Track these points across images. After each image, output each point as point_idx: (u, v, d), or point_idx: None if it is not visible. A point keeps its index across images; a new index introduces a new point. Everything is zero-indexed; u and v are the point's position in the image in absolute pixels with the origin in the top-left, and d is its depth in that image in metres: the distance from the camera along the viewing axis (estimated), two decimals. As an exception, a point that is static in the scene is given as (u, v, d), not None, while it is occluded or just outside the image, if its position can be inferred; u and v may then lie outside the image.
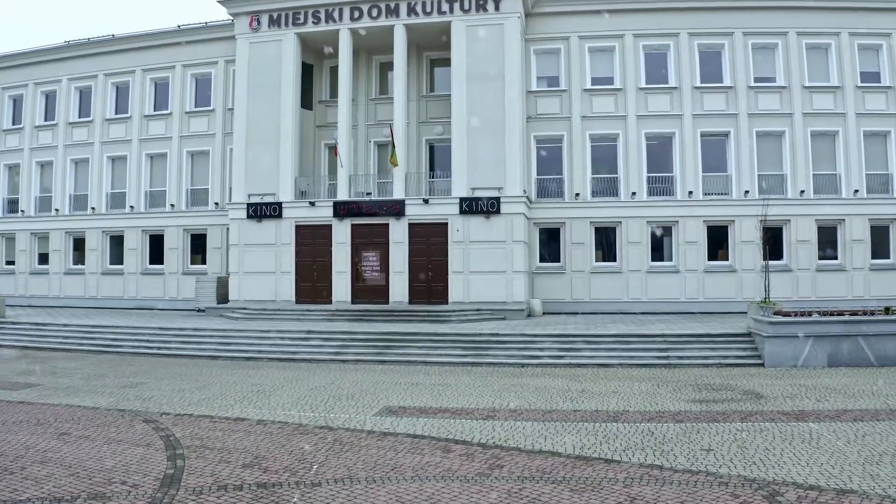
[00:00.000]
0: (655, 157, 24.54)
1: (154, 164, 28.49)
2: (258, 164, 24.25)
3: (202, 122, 27.80)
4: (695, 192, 23.96)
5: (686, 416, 10.35)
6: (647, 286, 23.75)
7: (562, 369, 15.07)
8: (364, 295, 23.07)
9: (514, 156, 22.35)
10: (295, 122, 24.25)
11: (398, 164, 22.56)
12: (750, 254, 23.76)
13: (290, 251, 23.76)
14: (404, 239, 22.90)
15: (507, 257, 22.14)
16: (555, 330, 17.53)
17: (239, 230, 24.21)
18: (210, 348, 17.81)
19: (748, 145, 24.13)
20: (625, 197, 24.17)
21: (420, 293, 22.73)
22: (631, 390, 12.57)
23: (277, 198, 23.94)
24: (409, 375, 14.52)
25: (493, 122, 22.51)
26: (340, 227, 23.35)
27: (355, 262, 23.30)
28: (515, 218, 22.30)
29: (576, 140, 24.39)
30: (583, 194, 24.26)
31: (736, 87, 24.26)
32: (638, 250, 23.89)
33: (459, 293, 22.31)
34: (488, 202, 22.21)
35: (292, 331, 18.17)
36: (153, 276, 27.88)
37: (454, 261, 22.50)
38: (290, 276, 23.68)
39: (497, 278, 22.07)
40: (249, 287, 23.84)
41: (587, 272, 23.99)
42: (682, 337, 16.47)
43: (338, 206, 23.27)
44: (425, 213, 22.81)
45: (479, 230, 22.37)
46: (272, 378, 14.31)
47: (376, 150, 25.74)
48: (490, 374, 14.53)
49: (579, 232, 24.07)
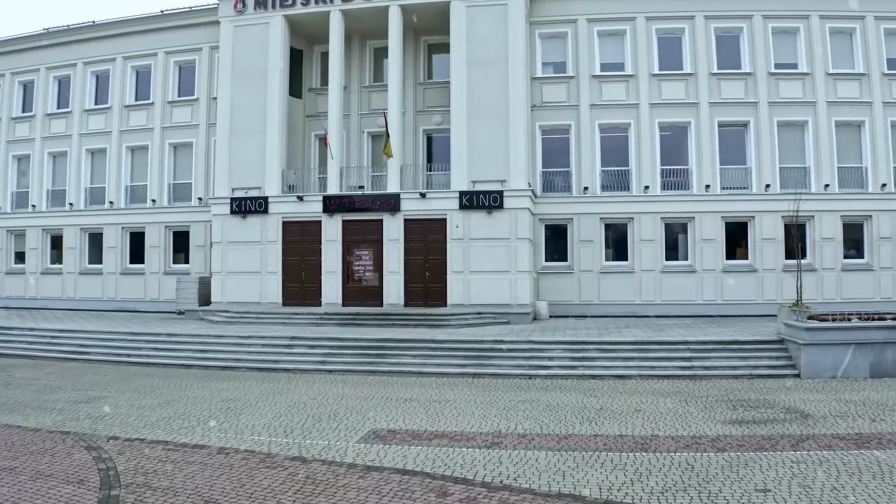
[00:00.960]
0: (670, 149, 22.87)
1: (135, 158, 26.84)
2: (243, 155, 22.57)
3: (185, 112, 26.13)
4: (712, 186, 22.30)
5: (727, 443, 8.81)
6: (661, 287, 22.08)
7: (574, 381, 13.42)
8: (356, 297, 21.37)
9: (519, 145, 20.65)
10: (282, 111, 22.57)
11: (392, 156, 20.85)
12: (771, 252, 22.13)
13: (277, 249, 22.06)
14: (399, 236, 21.19)
15: (511, 256, 20.43)
16: (565, 336, 15.86)
17: (222, 227, 22.53)
18: (184, 356, 16.17)
19: (769, 136, 22.48)
20: (637, 191, 22.49)
21: (416, 295, 21.02)
22: (656, 408, 10.97)
23: (263, 192, 22.25)
24: (403, 389, 12.87)
25: (496, 110, 20.82)
26: (331, 223, 21.65)
27: (347, 262, 21.61)
28: (520, 213, 20.59)
29: (584, 130, 22.72)
30: (592, 188, 22.57)
31: (755, 74, 22.61)
32: (651, 248, 22.21)
33: (459, 295, 20.61)
34: (490, 196, 20.50)
35: (275, 337, 16.50)
36: (133, 277, 26.21)
37: (453, 260, 20.79)
38: (277, 276, 21.98)
39: (500, 279, 20.36)
40: (233, 288, 22.16)
41: (596, 272, 22.30)
42: (706, 344, 14.82)
43: (328, 200, 21.56)
44: (422, 208, 21.10)
45: (481, 226, 20.65)
46: (248, 392, 12.68)
47: (370, 142, 24.05)
48: (494, 388, 12.88)
49: (588, 228, 22.37)
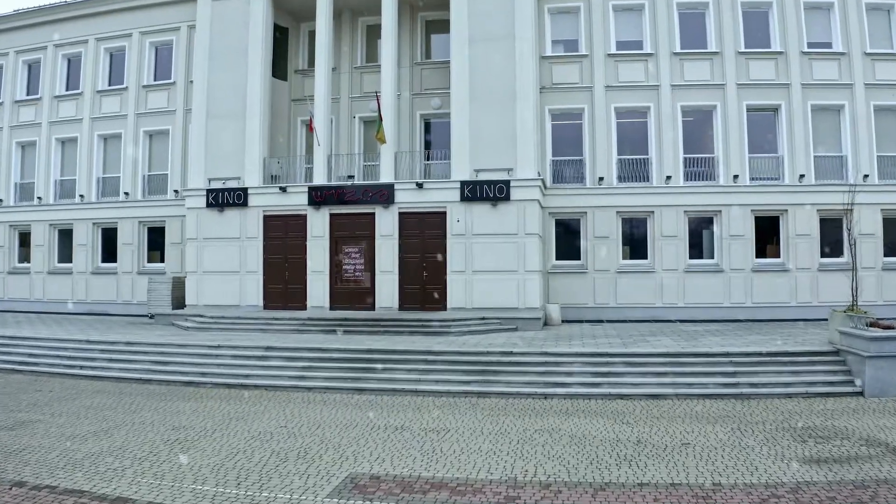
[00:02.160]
0: (693, 135, 20.67)
1: (108, 147, 24.68)
2: (220, 142, 20.37)
3: (161, 97, 23.93)
4: (741, 177, 20.10)
5: (814, 495, 6.71)
6: (684, 289, 19.87)
7: (599, 403, 11.21)
8: (345, 299, 19.16)
9: (527, 130, 18.44)
10: (264, 93, 20.36)
11: (386, 142, 18.65)
12: (806, 250, 19.95)
13: (258, 246, 19.85)
14: (393, 231, 18.99)
15: (519, 253, 18.22)
16: (584, 346, 13.63)
17: (197, 221, 20.33)
18: (143, 369, 13.97)
19: (802, 121, 20.29)
20: (657, 182, 20.29)
21: (412, 297, 18.82)
22: (707, 440, 8.80)
23: (243, 182, 20.04)
24: (393, 413, 10.67)
25: (501, 91, 18.60)
26: (317, 217, 19.44)
27: (335, 260, 19.40)
28: (529, 205, 18.37)
29: (598, 114, 20.51)
30: (607, 178, 20.35)
31: (787, 54, 20.42)
32: (673, 246, 20.00)
33: (460, 297, 18.41)
34: (495, 186, 18.29)
35: (248, 346, 14.28)
36: (105, 276, 24.01)
37: (454, 258, 18.60)
38: (258, 276, 19.77)
39: (506, 279, 18.15)
40: (209, 289, 19.96)
41: (613, 272, 20.09)
42: (751, 356, 12.61)
43: (314, 192, 19.35)
44: (419, 200, 18.89)
45: (485, 220, 18.46)
46: (206, 416, 10.49)
47: (361, 128, 21.84)
48: (503, 411, 10.69)
49: (603, 223, 20.16)
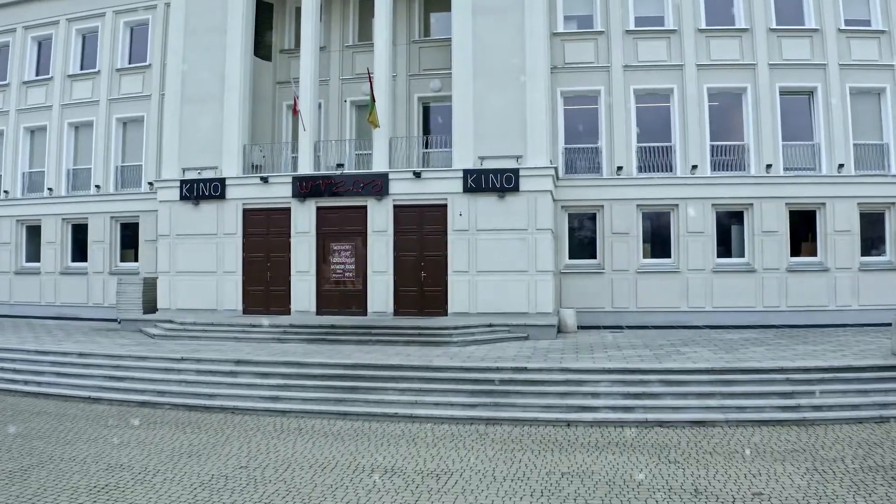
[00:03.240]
0: (721, 121, 18.65)
1: (79, 136, 22.72)
2: (196, 129, 18.34)
3: (135, 81, 21.92)
4: (774, 166, 18.09)
5: None
6: (712, 291, 17.83)
7: (634, 432, 9.19)
8: (333, 303, 17.10)
9: (538, 112, 16.40)
10: (245, 74, 18.32)
11: (379, 125, 16.61)
12: (845, 247, 17.97)
13: (236, 244, 17.81)
14: (388, 227, 16.95)
15: (530, 251, 16.18)
16: (609, 360, 11.59)
17: (170, 216, 18.31)
18: (93, 385, 11.96)
19: (840, 105, 18.29)
20: (682, 172, 18.25)
21: (409, 301, 16.76)
22: (781, 486, 6.88)
23: (220, 172, 18.00)
24: (382, 447, 8.65)
25: (509, 69, 16.56)
26: (302, 210, 17.40)
27: (322, 259, 17.36)
28: (540, 197, 16.33)
29: (616, 97, 18.47)
30: (626, 168, 18.32)
31: (823, 31, 18.42)
32: (700, 243, 17.97)
33: (463, 301, 16.37)
34: (503, 176, 16.25)
35: (216, 360, 12.24)
36: (75, 277, 22.00)
37: (456, 256, 16.57)
38: (236, 276, 17.74)
39: (515, 280, 16.11)
40: (183, 292, 17.95)
41: (632, 272, 18.04)
42: (809, 371, 10.61)
43: (299, 182, 17.30)
44: (417, 191, 16.83)
45: (491, 214, 16.41)
46: (153, 450, 8.49)
47: (353, 113, 19.79)
48: (518, 443, 8.67)
49: (622, 218, 18.12)
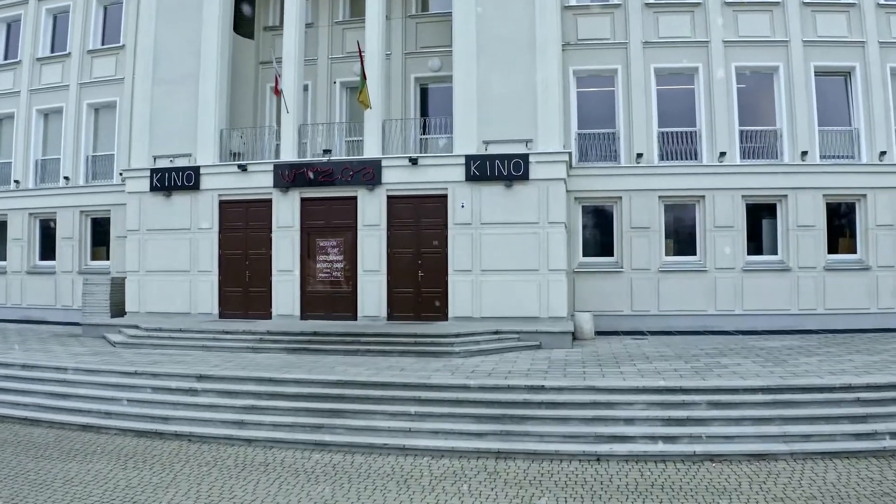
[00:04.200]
0: (751, 103, 16.81)
1: (49, 124, 20.94)
2: (169, 112, 16.51)
3: (108, 63, 20.08)
4: (810, 153, 16.27)
5: None
6: (742, 291, 16.01)
7: (682, 469, 7.37)
8: (319, 306, 15.26)
9: (550, 90, 14.56)
10: (223, 52, 16.47)
11: (370, 106, 14.79)
12: (889, 244, 16.16)
13: (212, 240, 15.98)
14: (381, 220, 15.11)
15: (541, 247, 14.35)
16: (642, 377, 9.73)
17: (140, 209, 16.49)
18: (33, 404, 10.17)
19: (881, 87, 16.49)
20: (709, 159, 16.42)
21: (404, 304, 14.91)
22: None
23: (194, 160, 16.18)
24: (367, 491, 6.83)
25: (517, 43, 14.73)
26: (285, 202, 15.57)
27: (307, 257, 15.54)
28: (553, 186, 14.49)
29: (635, 77, 16.63)
30: (647, 156, 16.49)
31: (860, 5, 16.61)
32: (729, 238, 16.15)
33: (465, 304, 14.53)
34: (510, 162, 14.41)
35: (176, 374, 10.42)
36: (43, 277, 20.21)
37: (457, 254, 14.74)
38: (212, 276, 15.91)
39: (525, 281, 14.26)
40: (153, 293, 16.13)
41: (654, 271, 16.21)
42: (881, 389, 8.81)
43: (281, 170, 15.47)
44: (413, 180, 15.00)
45: (497, 206, 14.58)
46: (77, 495, 6.69)
47: (344, 95, 17.94)
48: (537, 485, 6.86)
49: (643, 211, 16.28)
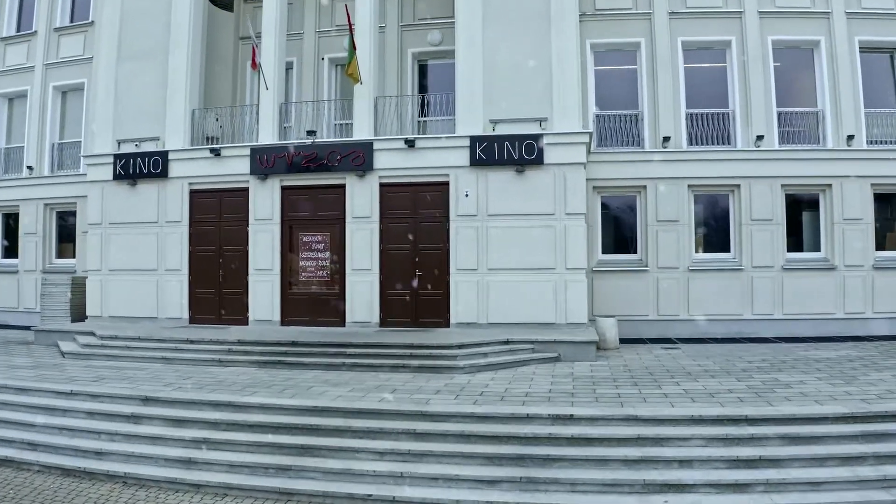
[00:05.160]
0: (789, 82, 14.97)
1: (13, 110, 19.08)
2: (135, 90, 14.65)
3: (76, 42, 18.19)
4: (857, 138, 14.42)
5: None
6: (782, 293, 14.14)
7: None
8: (302, 310, 13.37)
9: (567, 63, 12.67)
10: (195, 22, 14.58)
11: (360, 80, 12.93)
12: (944, 239, 14.34)
13: (181, 234, 14.11)
14: (372, 211, 13.24)
15: (557, 242, 12.48)
16: (693, 404, 7.80)
17: (102, 200, 14.65)
18: (-56, 433, 8.31)
19: (934, 64, 14.70)
20: (743, 144, 14.56)
21: (399, 308, 13.02)
22: None
23: (163, 144, 14.33)
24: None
25: (528, 10, 12.84)
26: (263, 191, 13.70)
27: (289, 254, 13.69)
28: (571, 172, 12.61)
29: (660, 51, 14.75)
30: (675, 140, 14.60)
31: (909, -27, 14.79)
32: (768, 233, 14.28)
33: (470, 308, 12.66)
34: (522, 144, 12.54)
35: (119, 396, 8.57)
36: (5, 277, 18.36)
37: (461, 249, 12.88)
38: (181, 276, 14.04)
39: (539, 281, 12.39)
40: (117, 295, 14.28)
41: (683, 270, 14.34)
42: None
43: (259, 155, 13.59)
44: (410, 165, 13.09)
45: (506, 194, 12.71)
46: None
47: (334, 73, 16.06)
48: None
49: (670, 202, 14.41)
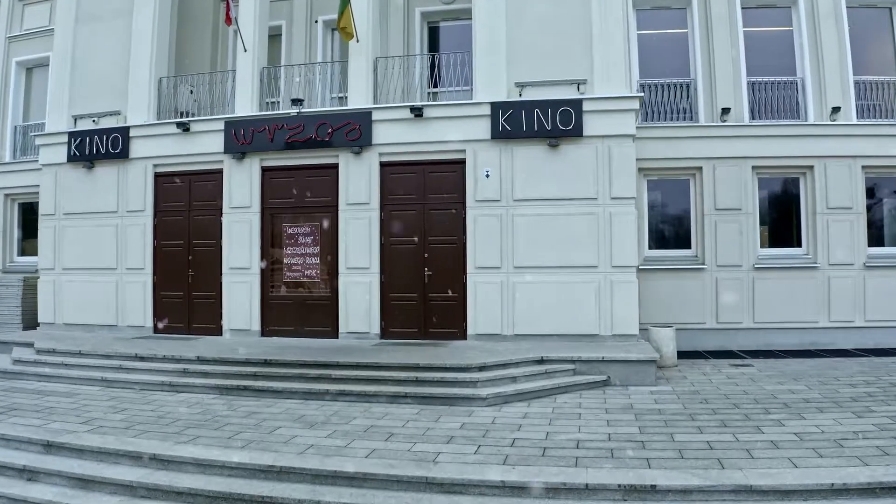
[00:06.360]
0: (865, 46, 12.56)
1: (-26, 90, 16.99)
2: (95, 58, 12.44)
3: (42, 11, 15.99)
4: (952, 110, 12.01)
5: None
6: (864, 296, 11.73)
7: None
8: (286, 318, 11.11)
9: (611, 13, 10.29)
10: (166, -23, 12.43)
11: (353, 35, 10.66)
12: None
13: (144, 226, 11.88)
14: (371, 197, 10.94)
15: (602, 234, 10.14)
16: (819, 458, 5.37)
17: (56, 186, 12.46)
18: None
19: None
20: (816, 117, 12.16)
21: (405, 315, 10.69)
22: None
23: (124, 119, 12.11)
24: None
25: (561, -48, 10.59)
26: (240, 173, 11.45)
27: (271, 248, 11.45)
28: (617, 146, 10.22)
29: (715, 10, 12.36)
30: (735, 112, 12.17)
31: None
32: (846, 224, 11.84)
33: (492, 316, 10.32)
34: (556, 112, 10.18)
35: (16, 440, 6.30)
36: (-38, 276, 16.29)
37: (480, 244, 10.58)
38: (144, 277, 11.81)
39: (579, 282, 10.04)
40: (72, 298, 12.08)
41: (747, 268, 11.92)
42: None
43: (234, 129, 11.31)
44: (417, 139, 10.76)
45: (537, 174, 10.37)
46: None
47: (329, 38, 13.79)
48: None
49: (730, 186, 11.98)
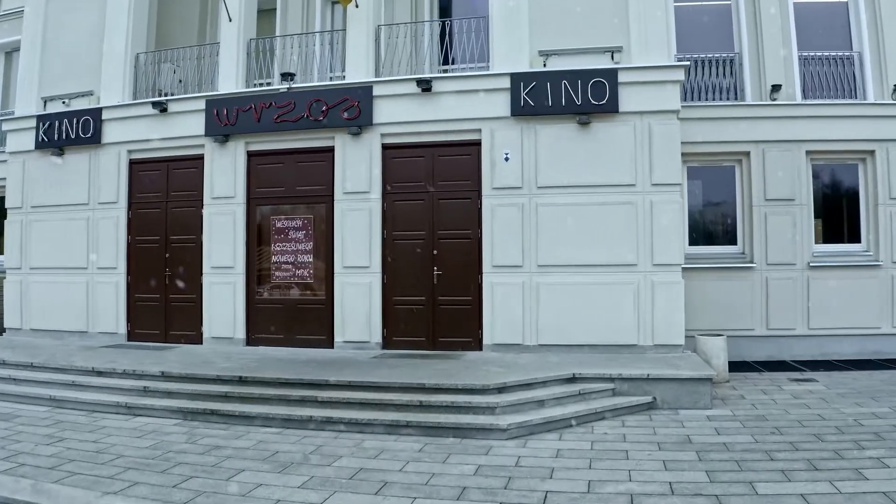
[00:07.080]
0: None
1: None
2: (68, 34, 11.17)
3: (19, -9, 14.93)
4: None
5: None
6: (935, 299, 10.32)
7: None
8: (275, 324, 9.76)
9: (650, -29, 9.01)
10: (145, -57, 11.14)
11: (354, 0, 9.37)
12: None
13: (117, 220, 10.56)
14: (372, 184, 9.56)
15: (642, 227, 8.69)
16: None
17: (23, 176, 11.20)
18: None
19: None
20: (877, 96, 10.70)
21: (411, 322, 9.31)
22: None
23: (97, 100, 10.82)
24: None
25: None
26: (223, 159, 10.11)
27: (258, 246, 10.12)
28: (658, 124, 8.79)
29: (762, -25, 11.00)
30: (787, 90, 10.70)
31: None
32: (914, 217, 10.48)
33: (513, 323, 8.92)
34: (587, 84, 8.76)
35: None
36: (-66, 277, 15.07)
37: (499, 238, 9.15)
38: (117, 277, 10.50)
39: (615, 283, 8.60)
40: (39, 301, 10.81)
41: (801, 266, 10.46)
42: None
43: (217, 108, 9.96)
44: (425, 117, 9.38)
45: (565, 157, 8.96)
46: None
47: (329, 11, 12.43)
48: None
49: (782, 174, 10.52)
